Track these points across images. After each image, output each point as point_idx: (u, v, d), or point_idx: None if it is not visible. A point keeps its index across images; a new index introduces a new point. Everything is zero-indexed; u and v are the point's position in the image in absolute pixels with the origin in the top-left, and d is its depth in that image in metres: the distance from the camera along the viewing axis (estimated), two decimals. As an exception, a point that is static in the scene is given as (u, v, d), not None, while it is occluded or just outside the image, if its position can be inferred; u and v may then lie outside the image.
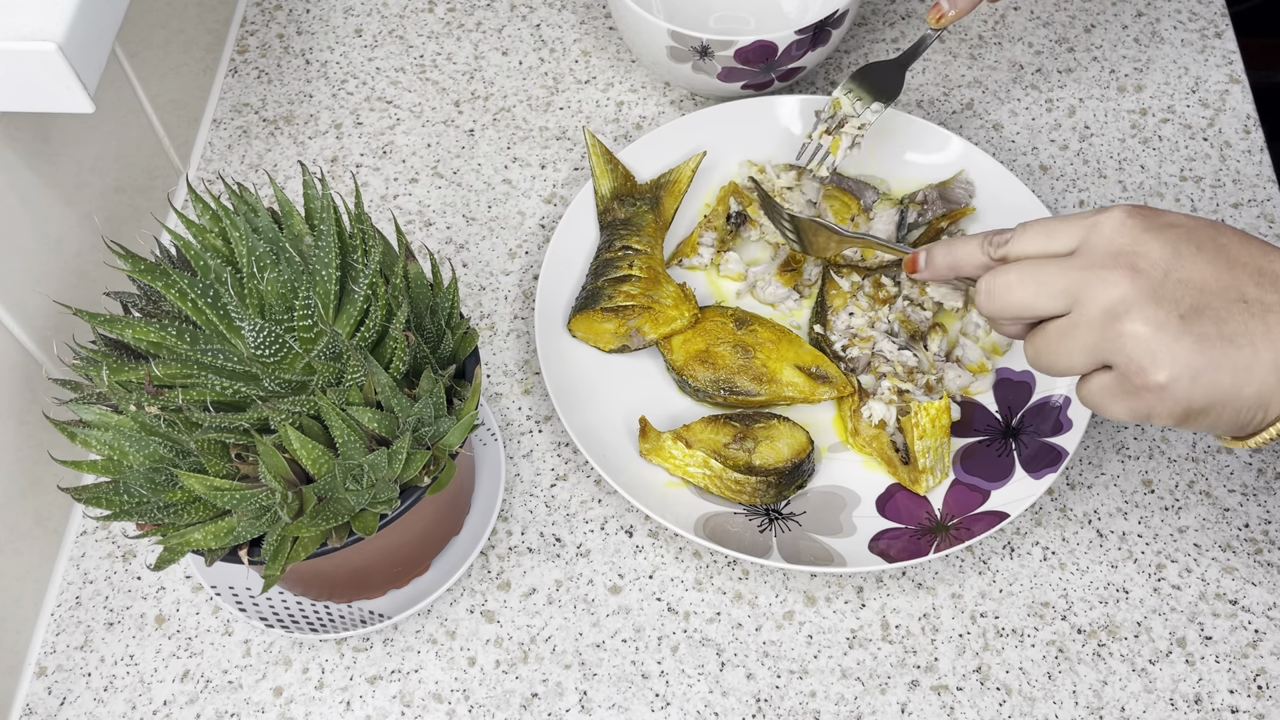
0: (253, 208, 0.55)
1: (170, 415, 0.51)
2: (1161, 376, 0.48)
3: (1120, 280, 0.49)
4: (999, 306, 0.53)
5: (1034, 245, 0.53)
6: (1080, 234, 0.51)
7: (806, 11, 0.85)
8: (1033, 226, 0.53)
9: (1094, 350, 0.50)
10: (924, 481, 0.66)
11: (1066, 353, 0.51)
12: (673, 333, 0.71)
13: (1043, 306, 0.51)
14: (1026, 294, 0.52)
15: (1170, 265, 0.49)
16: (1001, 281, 0.52)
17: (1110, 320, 0.49)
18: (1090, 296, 0.49)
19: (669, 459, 0.67)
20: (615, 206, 0.76)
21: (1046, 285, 0.51)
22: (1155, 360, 0.48)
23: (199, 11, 0.83)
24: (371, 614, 0.63)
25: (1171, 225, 0.50)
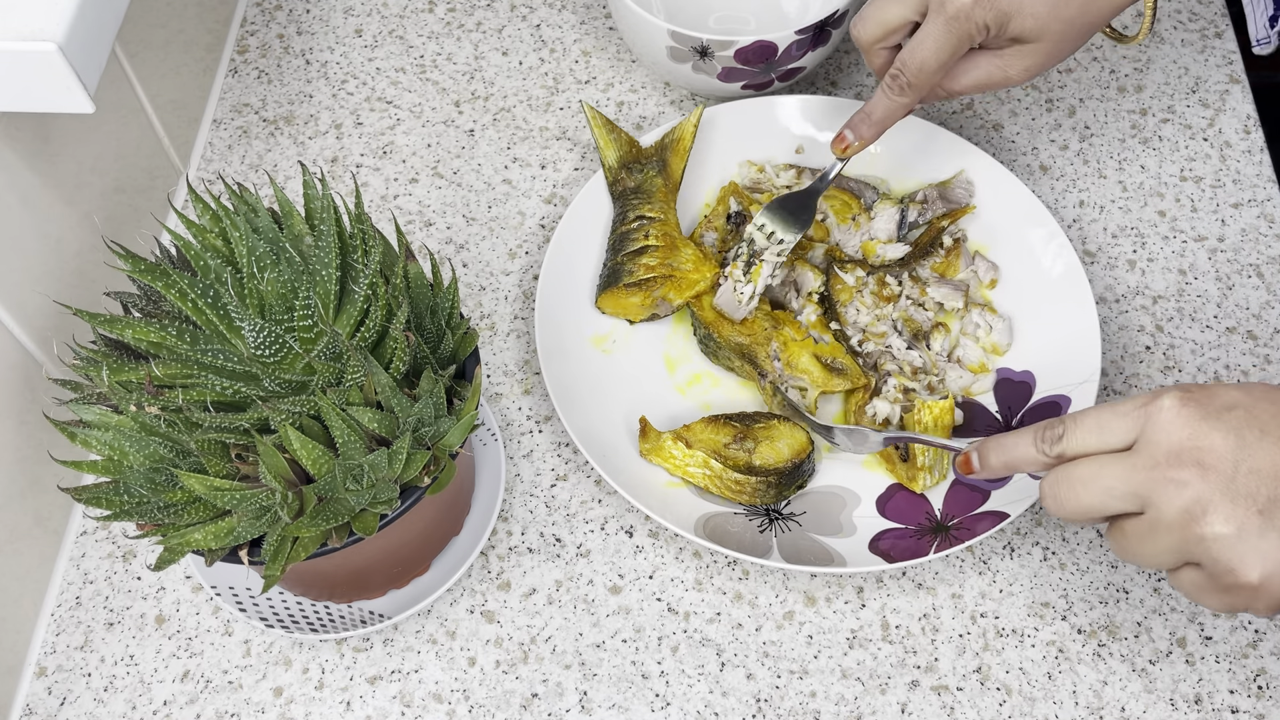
0: (253, 208, 0.55)
1: (170, 415, 0.51)
2: (1254, 577, 0.47)
3: (1190, 480, 0.48)
4: (1068, 511, 0.51)
5: (1089, 441, 0.51)
6: (1136, 426, 0.50)
7: (806, 11, 0.85)
8: (1085, 421, 0.51)
9: (1178, 552, 0.49)
10: (921, 480, 0.66)
11: (1151, 554, 0.50)
12: (697, 294, 0.72)
13: (1114, 509, 0.50)
14: (1094, 501, 0.50)
15: (1238, 457, 0.48)
16: (1066, 489, 0.51)
17: (1188, 523, 0.48)
18: (1162, 500, 0.48)
19: (669, 459, 0.67)
20: (624, 175, 0.76)
21: (1113, 491, 0.50)
22: (1244, 562, 0.47)
23: (199, 11, 0.83)
24: (371, 614, 0.63)
25: (1230, 408, 0.49)
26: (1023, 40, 0.62)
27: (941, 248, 0.75)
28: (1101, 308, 0.75)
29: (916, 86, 0.64)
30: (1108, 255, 0.77)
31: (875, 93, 0.67)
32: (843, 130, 0.69)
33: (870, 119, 0.68)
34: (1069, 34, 0.62)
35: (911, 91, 0.65)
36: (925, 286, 0.73)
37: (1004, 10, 0.60)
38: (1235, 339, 0.73)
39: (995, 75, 0.64)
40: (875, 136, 0.69)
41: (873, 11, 0.64)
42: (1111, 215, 0.79)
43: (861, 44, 0.66)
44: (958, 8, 0.60)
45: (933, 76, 0.64)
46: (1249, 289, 0.75)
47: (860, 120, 0.68)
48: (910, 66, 0.64)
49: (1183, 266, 0.76)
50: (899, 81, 0.65)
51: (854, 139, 0.69)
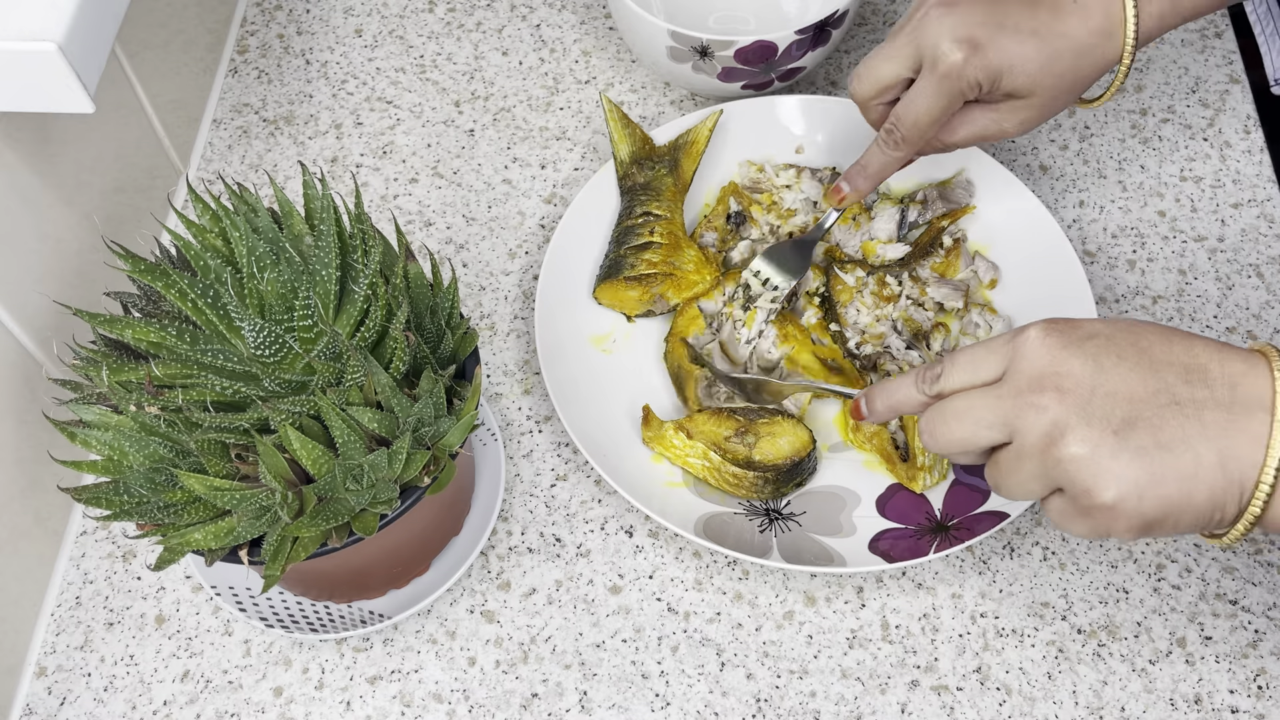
0: (253, 208, 0.55)
1: (170, 415, 0.51)
2: (1108, 497, 0.48)
3: (1049, 404, 0.49)
4: (941, 445, 0.52)
5: (963, 378, 0.52)
6: (1004, 360, 0.51)
7: (806, 11, 0.85)
8: (959, 358, 0.53)
9: (1042, 478, 0.50)
10: (920, 480, 0.66)
11: (1019, 483, 0.51)
12: (695, 296, 0.73)
13: (984, 439, 0.51)
14: (965, 431, 0.51)
15: (1095, 380, 0.49)
16: (939, 421, 0.52)
17: (1048, 446, 0.49)
18: (1025, 425, 0.49)
19: (670, 448, 0.67)
20: (635, 171, 0.76)
21: (982, 420, 0.51)
22: (1098, 481, 0.48)
23: (199, 11, 0.83)
24: (371, 614, 0.63)
25: (1090, 337, 0.50)
26: (1016, 96, 0.63)
27: (941, 248, 0.75)
28: (1101, 308, 0.75)
29: (910, 141, 0.66)
30: (1108, 255, 0.77)
31: (870, 146, 0.68)
32: (838, 182, 0.71)
33: (866, 172, 0.69)
34: (1061, 89, 0.63)
35: (906, 146, 0.66)
36: (925, 287, 0.73)
37: (996, 68, 0.62)
38: (1235, 339, 0.73)
39: (990, 129, 0.66)
40: (871, 189, 0.70)
41: (867, 69, 0.66)
42: (1111, 215, 0.79)
43: (857, 100, 0.67)
44: (949, 66, 0.62)
45: (926, 131, 0.65)
46: (1249, 289, 0.75)
47: (856, 173, 0.70)
48: (904, 122, 0.65)
49: (1183, 266, 0.76)
50: (894, 136, 0.66)
51: (849, 190, 0.70)
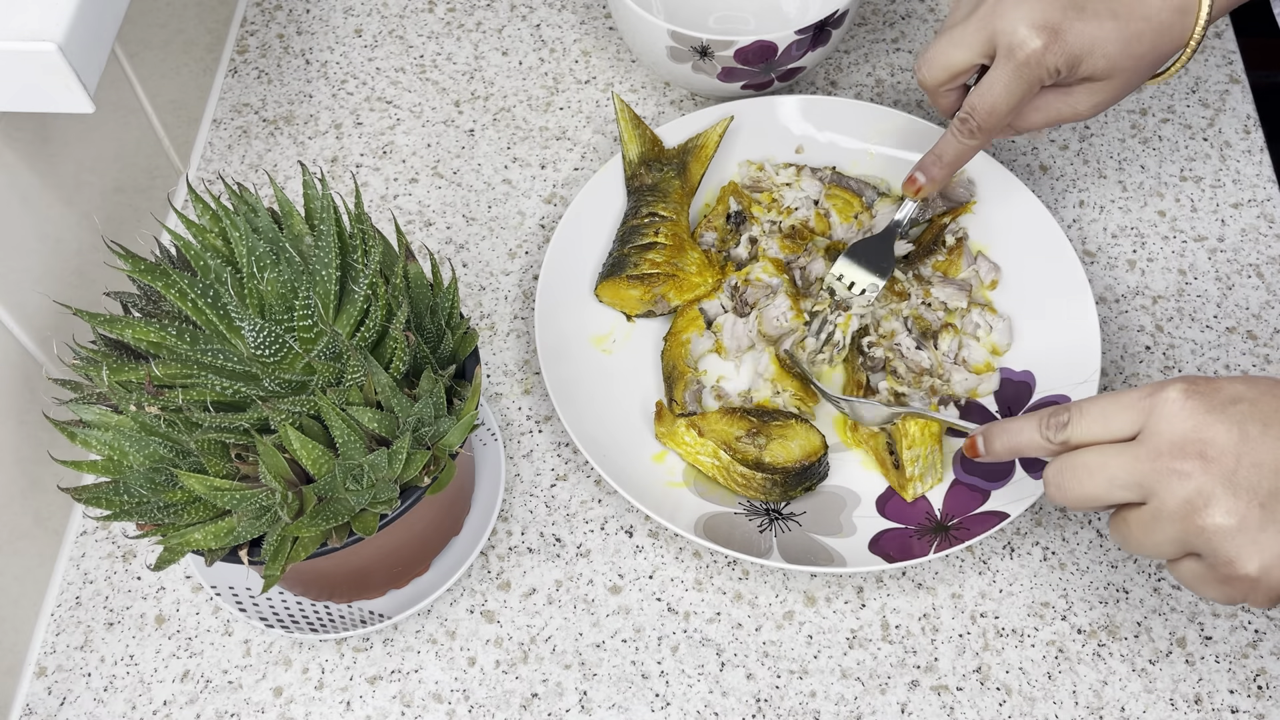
0: (253, 208, 0.55)
1: (170, 415, 0.51)
2: (1252, 569, 0.48)
3: (1193, 471, 0.48)
4: (1070, 500, 0.52)
5: (1093, 430, 0.51)
6: (1141, 417, 0.50)
7: (806, 11, 0.85)
8: (1090, 410, 0.52)
9: (1179, 543, 0.50)
10: (911, 489, 0.66)
11: (1153, 544, 0.50)
12: (696, 299, 0.73)
13: (1116, 498, 0.51)
14: (1097, 489, 0.51)
15: (1240, 450, 0.48)
16: (1069, 474, 0.52)
17: (1189, 514, 0.48)
18: (1165, 491, 0.49)
19: (681, 444, 0.67)
20: (642, 172, 0.76)
21: (1116, 480, 0.50)
22: (1242, 554, 0.48)
23: (199, 11, 0.83)
24: (371, 614, 0.63)
25: (1234, 401, 0.49)
26: (1094, 79, 0.62)
27: (944, 246, 0.75)
28: (1101, 308, 0.75)
29: (986, 129, 0.64)
30: (1108, 255, 0.77)
31: (944, 135, 0.67)
32: (913, 173, 0.69)
33: (941, 161, 0.68)
34: (1139, 69, 0.62)
35: (981, 134, 0.65)
36: (929, 286, 0.73)
37: (1075, 54, 0.60)
38: (1235, 339, 0.73)
39: (1065, 112, 0.64)
40: (946, 179, 0.69)
41: (937, 55, 0.64)
42: (1111, 215, 0.79)
43: (927, 87, 0.66)
44: (1029, 53, 0.60)
45: (1002, 120, 0.64)
46: (1249, 289, 0.75)
47: (931, 163, 0.68)
48: (980, 111, 0.63)
49: (1183, 266, 0.76)
50: (969, 125, 0.65)
51: (925, 181, 0.69)
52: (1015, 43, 0.60)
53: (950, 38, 0.63)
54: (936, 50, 0.64)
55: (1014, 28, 0.60)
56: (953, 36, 0.63)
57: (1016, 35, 0.60)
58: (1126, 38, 0.60)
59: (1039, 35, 0.59)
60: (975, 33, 0.62)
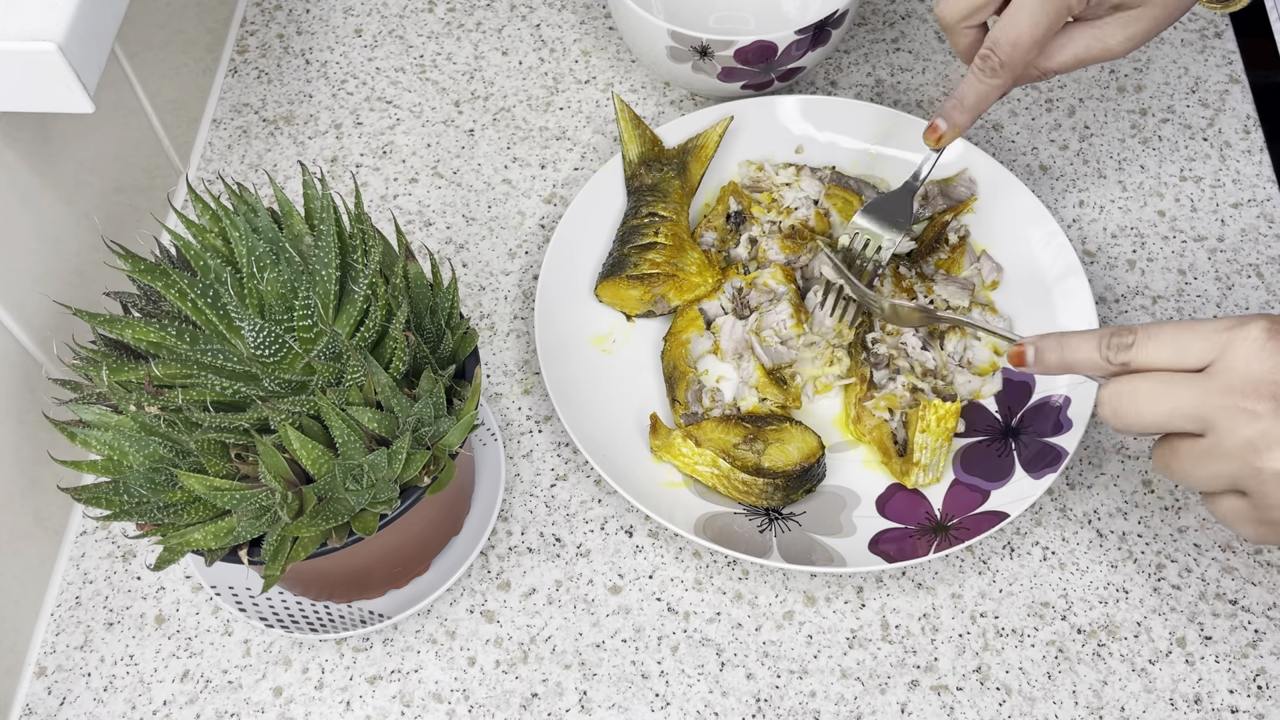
0: (253, 208, 0.55)
1: (170, 415, 0.51)
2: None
3: (1264, 413, 0.46)
4: (1126, 424, 0.50)
5: (1162, 355, 0.49)
6: (1215, 349, 0.48)
7: (806, 11, 0.85)
8: (1161, 333, 0.50)
9: (1230, 479, 0.48)
10: (914, 475, 0.66)
11: (1201, 476, 0.49)
12: (696, 299, 0.73)
13: (1175, 427, 0.49)
14: (1158, 416, 0.49)
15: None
16: (1129, 399, 0.49)
17: (1249, 454, 0.47)
18: (1229, 427, 0.47)
19: (678, 456, 0.67)
20: (642, 172, 0.77)
21: (1180, 409, 0.48)
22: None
23: (199, 11, 0.83)
24: (371, 614, 0.63)
25: None
26: (1126, 6, 0.58)
27: (946, 244, 0.75)
28: (1101, 308, 0.75)
29: (1010, 66, 0.60)
30: (1108, 255, 0.77)
31: (966, 77, 0.63)
32: (935, 120, 0.65)
33: (963, 104, 0.63)
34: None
35: (1005, 72, 0.60)
36: (931, 284, 0.73)
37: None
38: (1235, 339, 0.73)
39: (1094, 48, 0.60)
40: (969, 123, 0.64)
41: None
42: (1111, 215, 0.79)
43: (945, 22, 0.62)
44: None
45: (1027, 54, 0.59)
46: (1249, 289, 0.75)
47: (953, 107, 0.64)
48: (1003, 45, 0.59)
49: (1182, 266, 0.76)
50: (990, 62, 0.60)
51: (947, 127, 0.65)
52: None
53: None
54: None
55: None
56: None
57: None
58: None
59: None
60: None
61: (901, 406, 0.68)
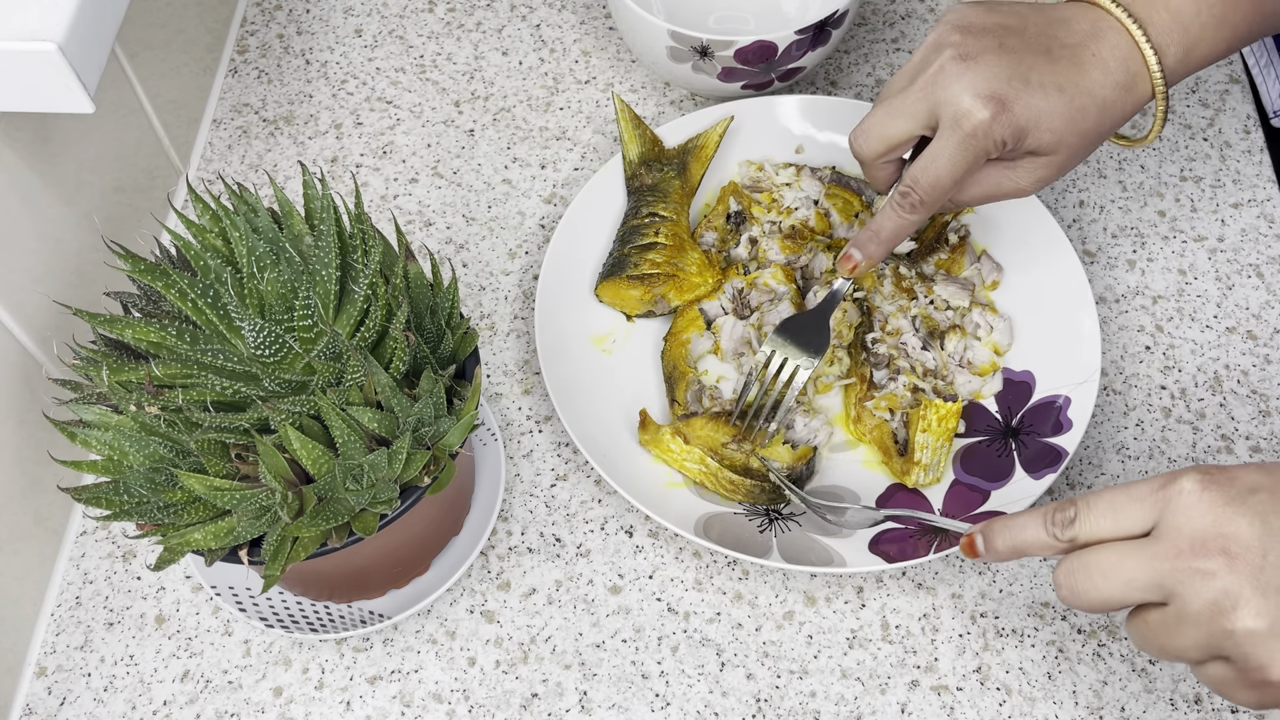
0: (253, 208, 0.55)
1: (170, 415, 0.51)
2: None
3: (1217, 571, 0.45)
4: (1087, 601, 0.49)
5: (1103, 526, 0.48)
6: (1154, 511, 0.47)
7: (806, 11, 0.85)
8: (1098, 504, 0.49)
9: (1205, 646, 0.47)
10: (914, 474, 0.66)
11: (1177, 648, 0.48)
12: (696, 299, 0.73)
13: (1134, 600, 0.48)
14: (1114, 591, 0.48)
15: (1266, 545, 0.45)
16: (1081, 576, 0.48)
17: (1216, 617, 0.45)
18: (1188, 592, 0.46)
19: (666, 452, 0.67)
20: (643, 172, 0.77)
21: (1134, 581, 0.47)
22: (1275, 659, 0.45)
23: (199, 11, 0.83)
24: (371, 614, 0.63)
25: (1252, 491, 0.46)
26: (1039, 153, 0.60)
27: (946, 244, 0.75)
28: (1101, 308, 0.75)
29: (928, 204, 0.61)
30: (1108, 255, 0.77)
31: (882, 209, 0.64)
32: (849, 250, 0.66)
33: (879, 237, 0.64)
34: (1083, 146, 0.60)
35: (923, 209, 0.62)
36: (931, 284, 0.73)
37: (1022, 126, 0.58)
38: (1235, 339, 0.73)
39: (1006, 186, 0.62)
40: (884, 255, 0.65)
41: (874, 126, 0.61)
42: (1111, 215, 0.79)
43: (863, 159, 0.63)
44: (975, 124, 0.57)
45: (946, 193, 0.61)
46: (1249, 289, 0.75)
47: (868, 239, 0.65)
48: (923, 184, 0.60)
49: (1182, 266, 0.76)
50: (910, 199, 0.61)
51: (861, 259, 0.65)
52: (960, 113, 0.58)
53: (889, 108, 0.60)
54: (874, 121, 0.61)
55: (959, 98, 0.57)
56: (891, 107, 0.60)
57: (962, 105, 0.57)
58: (1072, 112, 0.58)
59: (986, 106, 0.57)
60: (916, 103, 0.59)
61: (902, 407, 0.68)
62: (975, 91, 0.57)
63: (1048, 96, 0.58)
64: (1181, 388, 0.72)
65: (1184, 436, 0.70)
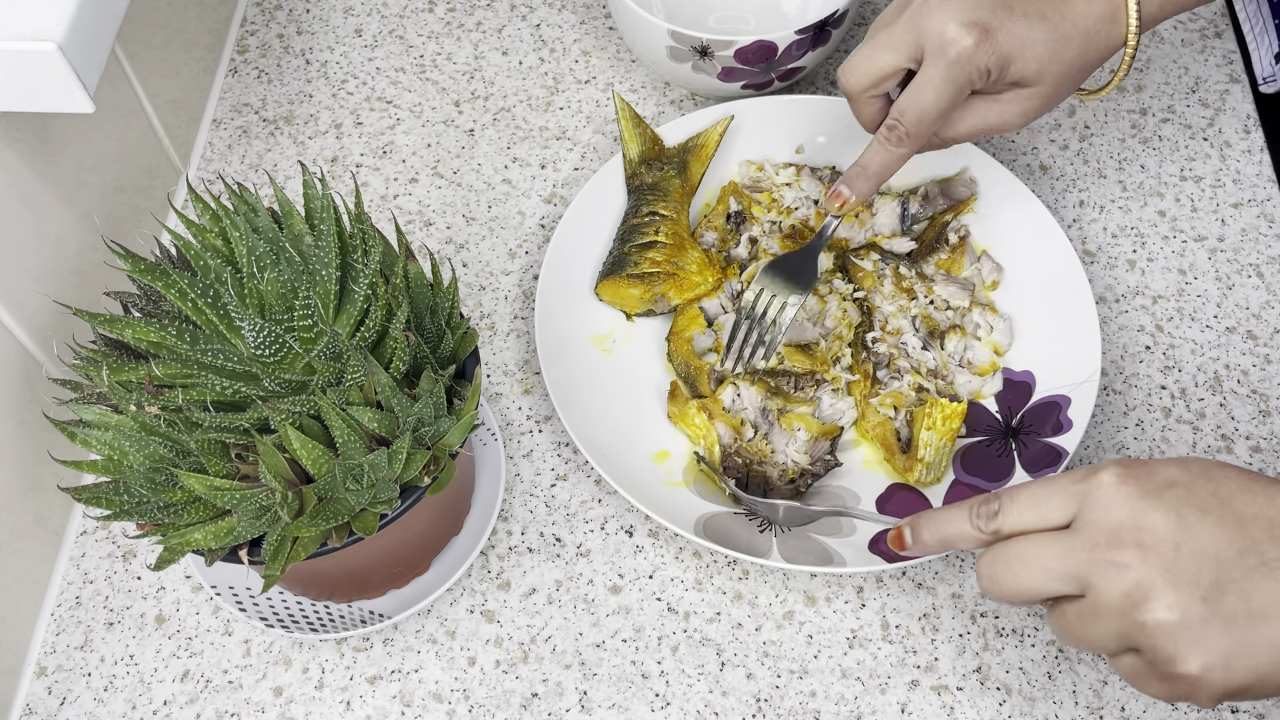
0: (253, 208, 0.55)
1: (170, 415, 0.51)
2: (1193, 667, 0.45)
3: (1130, 561, 0.46)
4: (1004, 591, 0.49)
5: (1025, 518, 0.49)
6: (1074, 503, 0.48)
7: (806, 11, 0.85)
8: (1020, 497, 0.49)
9: (1119, 637, 0.47)
10: (916, 471, 0.66)
11: (1092, 638, 0.48)
12: (696, 298, 0.73)
13: (1052, 591, 0.48)
14: (1032, 581, 0.48)
15: (1179, 537, 0.46)
16: (1001, 566, 0.49)
17: (1129, 609, 0.46)
18: (1103, 583, 0.46)
19: (690, 425, 0.68)
20: (643, 170, 0.77)
21: (1051, 571, 0.48)
22: (1183, 650, 0.45)
23: (199, 11, 0.83)
24: (371, 614, 0.63)
25: (1169, 485, 0.47)
26: (1023, 84, 0.61)
27: (946, 244, 0.75)
28: (1101, 308, 0.75)
29: (915, 136, 0.62)
30: (1108, 255, 0.77)
31: (870, 145, 0.65)
32: (837, 187, 0.67)
33: (866, 173, 0.65)
34: (1067, 76, 0.61)
35: (910, 142, 0.63)
36: (931, 284, 0.73)
37: (1005, 54, 0.59)
38: (1235, 339, 0.73)
39: (993, 120, 0.63)
40: (872, 191, 0.66)
41: (862, 60, 0.62)
42: (1111, 215, 0.79)
43: (850, 93, 0.64)
44: (959, 51, 0.59)
45: (932, 125, 0.62)
46: (1249, 289, 0.75)
47: (856, 175, 0.66)
48: (909, 116, 0.61)
49: (1183, 266, 0.76)
50: (897, 132, 0.62)
51: (850, 195, 0.66)
52: (945, 41, 0.59)
53: (876, 41, 0.61)
54: (861, 55, 0.62)
55: (943, 27, 0.59)
56: (878, 40, 0.61)
57: (946, 33, 0.59)
58: (1055, 41, 0.59)
59: (970, 33, 0.58)
60: (902, 35, 0.60)
61: (907, 405, 0.68)
62: (959, 20, 0.59)
63: (1031, 25, 0.59)
64: (1181, 388, 0.72)
65: (1184, 436, 0.70)
